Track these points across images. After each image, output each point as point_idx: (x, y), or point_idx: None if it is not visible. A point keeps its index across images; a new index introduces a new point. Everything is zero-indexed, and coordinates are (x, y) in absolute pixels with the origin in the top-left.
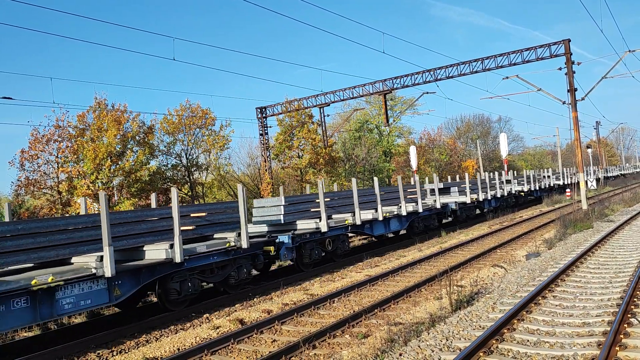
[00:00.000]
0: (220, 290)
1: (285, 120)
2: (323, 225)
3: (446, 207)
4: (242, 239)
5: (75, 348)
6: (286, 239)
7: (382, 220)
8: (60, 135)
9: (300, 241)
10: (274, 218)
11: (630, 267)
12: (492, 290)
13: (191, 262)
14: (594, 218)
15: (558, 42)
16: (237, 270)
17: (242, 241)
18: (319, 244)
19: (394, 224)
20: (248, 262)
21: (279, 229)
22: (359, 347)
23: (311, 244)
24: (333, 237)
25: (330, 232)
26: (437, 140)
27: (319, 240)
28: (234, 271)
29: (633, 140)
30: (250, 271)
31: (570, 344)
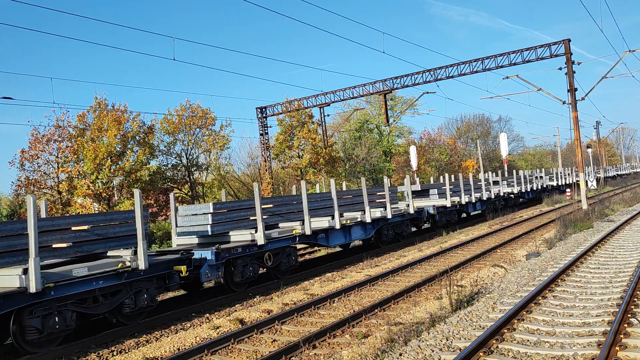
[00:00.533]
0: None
1: (285, 120)
2: (259, 237)
3: (422, 211)
4: (140, 257)
5: (75, 348)
6: (209, 255)
7: (340, 229)
8: (61, 135)
9: (229, 257)
10: (200, 229)
11: (631, 267)
12: (492, 290)
13: (61, 290)
14: (594, 218)
15: (558, 42)
16: (135, 297)
17: (140, 260)
18: (257, 259)
19: (356, 233)
20: (152, 285)
21: (209, 240)
22: (359, 347)
23: (244, 260)
24: (275, 251)
25: (271, 245)
26: (437, 140)
27: (255, 255)
28: (129, 298)
29: (633, 140)
30: (155, 297)
31: (570, 343)
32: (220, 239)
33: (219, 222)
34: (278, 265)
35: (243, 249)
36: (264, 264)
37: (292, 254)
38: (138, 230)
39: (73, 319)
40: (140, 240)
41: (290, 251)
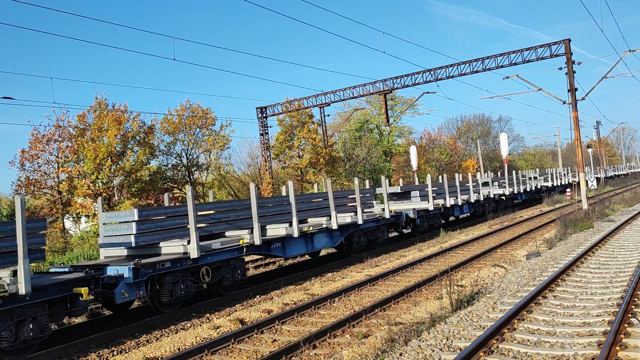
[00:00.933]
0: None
1: (285, 120)
2: (193, 249)
3: (400, 216)
4: (20, 279)
5: (75, 348)
6: (126, 272)
7: (301, 237)
8: (61, 135)
9: (154, 273)
10: (124, 239)
11: (631, 266)
12: (493, 290)
13: None
14: (595, 218)
15: (558, 42)
16: (15, 329)
17: (20, 283)
18: (191, 274)
19: (321, 241)
20: (42, 312)
21: (139, 253)
22: (360, 347)
23: (175, 276)
24: (215, 265)
25: (210, 257)
26: (437, 140)
27: (190, 270)
28: (8, 329)
29: (633, 140)
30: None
31: (570, 343)
32: (150, 251)
33: (146, 232)
34: (220, 280)
35: (173, 263)
36: (200, 281)
37: (238, 267)
38: (19, 247)
39: None
40: (20, 258)
41: (237, 264)
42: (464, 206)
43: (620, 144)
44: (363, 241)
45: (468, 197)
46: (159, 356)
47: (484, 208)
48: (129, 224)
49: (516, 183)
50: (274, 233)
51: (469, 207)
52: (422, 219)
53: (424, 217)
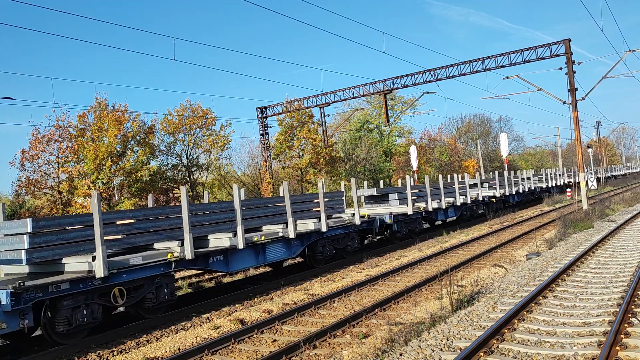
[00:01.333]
0: None
1: (285, 120)
2: (99, 266)
3: (373, 222)
4: None
5: (76, 348)
6: (3, 297)
7: (249, 248)
8: (61, 135)
9: (44, 297)
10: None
11: (631, 266)
12: (493, 290)
13: None
14: (595, 218)
15: (558, 42)
16: None
17: None
18: (100, 296)
19: (275, 252)
20: None
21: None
22: (360, 347)
23: (75, 300)
24: (134, 284)
25: (126, 276)
26: (437, 140)
27: (97, 292)
28: None
29: (633, 140)
30: None
31: (570, 343)
32: (52, 269)
33: (45, 246)
34: (140, 302)
35: (73, 284)
36: (111, 303)
37: (165, 285)
38: None
39: None
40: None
41: (163, 282)
42: (448, 209)
43: (620, 144)
44: (328, 250)
45: (454, 199)
46: (159, 356)
47: (471, 211)
48: (20, 237)
49: (508, 184)
50: (216, 244)
51: (454, 211)
52: (400, 224)
53: (402, 222)
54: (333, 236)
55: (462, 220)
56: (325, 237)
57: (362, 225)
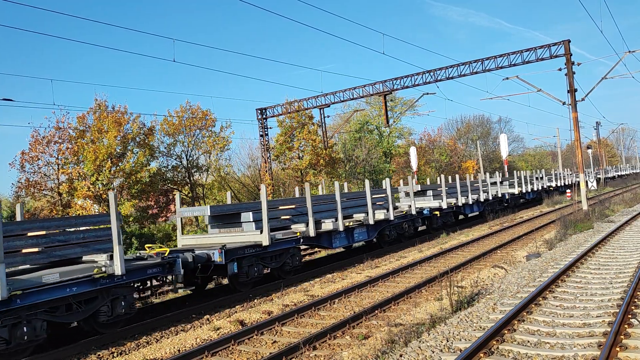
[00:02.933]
0: None
1: (285, 121)
2: None
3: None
4: None
5: (75, 350)
6: None
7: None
8: (61, 136)
9: None
10: None
11: (631, 267)
12: (493, 291)
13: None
14: (595, 218)
15: (558, 43)
16: None
17: None
18: None
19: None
20: None
21: None
22: (360, 348)
23: None
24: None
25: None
26: (437, 141)
27: None
28: None
29: (633, 141)
30: None
31: (570, 344)
32: None
33: None
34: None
35: None
36: None
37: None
38: None
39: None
40: None
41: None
42: (474, 205)
43: (620, 144)
44: (394, 234)
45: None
46: (159, 357)
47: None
48: None
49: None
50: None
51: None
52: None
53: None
54: (396, 223)
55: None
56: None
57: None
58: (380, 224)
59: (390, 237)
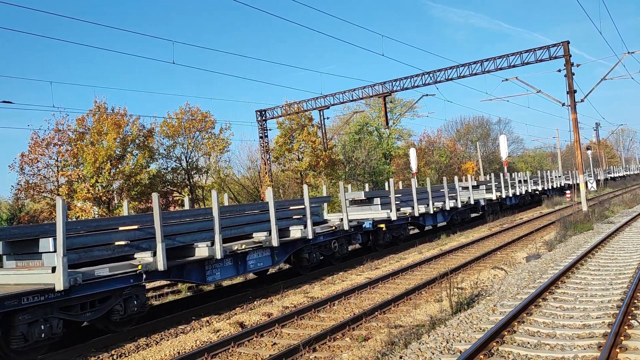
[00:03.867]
0: None
1: (285, 123)
2: None
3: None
4: None
5: (75, 352)
6: None
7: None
8: (60, 139)
9: None
10: None
11: (631, 268)
12: (493, 292)
13: None
14: (594, 219)
15: (557, 44)
16: None
17: None
18: None
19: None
20: None
21: None
22: (359, 350)
23: None
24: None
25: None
26: (437, 142)
27: None
28: None
29: (633, 142)
30: None
31: (570, 345)
32: None
33: None
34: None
35: None
36: None
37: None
38: None
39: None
40: None
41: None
42: (437, 214)
43: (619, 145)
44: (315, 257)
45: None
46: None
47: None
48: None
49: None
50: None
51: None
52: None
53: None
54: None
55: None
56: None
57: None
58: (294, 245)
59: (311, 261)
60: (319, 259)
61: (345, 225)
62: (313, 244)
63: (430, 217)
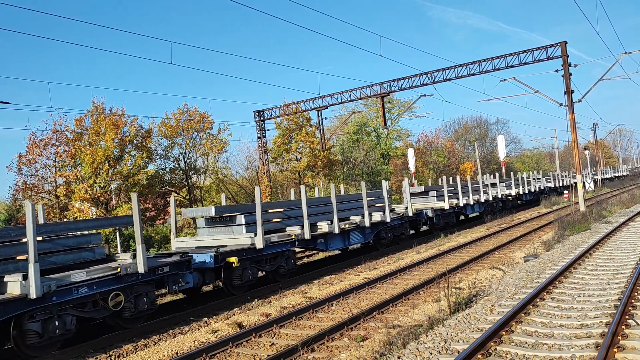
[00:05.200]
0: None
1: (283, 123)
2: None
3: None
4: None
5: (73, 353)
6: None
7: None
8: (58, 139)
9: None
10: None
11: (628, 268)
12: (491, 292)
13: None
14: (592, 219)
15: (555, 45)
16: None
17: None
18: None
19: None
20: None
21: None
22: (358, 350)
23: None
24: None
25: None
26: (435, 142)
27: None
28: None
29: (630, 142)
30: None
31: (568, 345)
32: None
33: None
34: None
35: None
36: None
37: None
38: None
39: None
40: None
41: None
42: (475, 205)
43: (617, 145)
44: (390, 236)
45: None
46: None
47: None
48: None
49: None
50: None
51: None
52: (438, 217)
53: (439, 216)
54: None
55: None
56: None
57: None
58: (376, 226)
59: (387, 239)
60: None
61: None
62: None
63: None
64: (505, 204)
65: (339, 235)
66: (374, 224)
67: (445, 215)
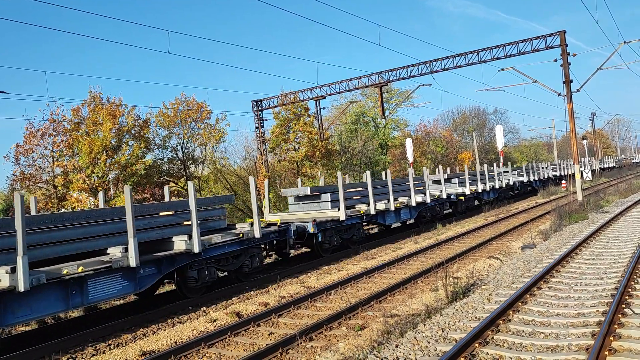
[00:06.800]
0: None
1: (281, 113)
2: None
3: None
4: None
5: (73, 342)
6: None
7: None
8: (55, 129)
9: None
10: None
11: (625, 257)
12: (488, 281)
13: None
14: (589, 209)
15: (553, 34)
16: None
17: None
18: None
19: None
20: None
21: None
22: (356, 339)
23: None
24: None
25: None
26: (433, 132)
27: None
28: None
29: (628, 132)
30: None
31: (565, 334)
32: None
33: None
34: None
35: None
36: None
37: None
38: None
39: None
40: None
41: None
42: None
43: (615, 135)
44: (429, 215)
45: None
46: (156, 349)
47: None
48: None
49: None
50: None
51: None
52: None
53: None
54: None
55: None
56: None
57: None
58: (419, 206)
59: (427, 217)
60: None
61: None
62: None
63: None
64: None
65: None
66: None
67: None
